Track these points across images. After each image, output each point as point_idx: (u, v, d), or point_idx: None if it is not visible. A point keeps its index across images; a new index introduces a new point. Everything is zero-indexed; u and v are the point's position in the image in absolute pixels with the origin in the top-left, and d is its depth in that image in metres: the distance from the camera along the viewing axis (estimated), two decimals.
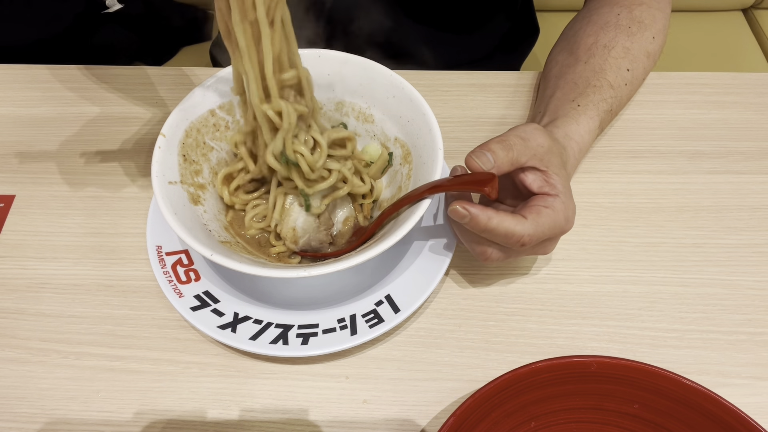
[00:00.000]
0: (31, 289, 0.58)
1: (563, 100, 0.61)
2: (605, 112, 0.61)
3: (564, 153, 0.55)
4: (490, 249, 0.51)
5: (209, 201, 0.57)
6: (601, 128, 0.62)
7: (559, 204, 0.50)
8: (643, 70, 0.66)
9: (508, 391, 0.47)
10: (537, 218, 0.49)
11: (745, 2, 1.30)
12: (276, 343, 0.52)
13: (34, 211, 0.62)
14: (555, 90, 0.63)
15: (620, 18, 0.65)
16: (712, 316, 0.56)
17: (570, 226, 0.51)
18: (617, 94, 0.62)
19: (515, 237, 0.48)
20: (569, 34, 0.69)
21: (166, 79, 0.72)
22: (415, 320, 0.56)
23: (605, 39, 0.64)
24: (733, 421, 0.45)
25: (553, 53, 0.69)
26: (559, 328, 0.55)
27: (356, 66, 0.59)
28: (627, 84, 0.63)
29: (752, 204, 0.62)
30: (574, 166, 0.58)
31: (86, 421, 0.51)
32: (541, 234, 0.49)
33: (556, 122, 0.58)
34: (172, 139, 0.55)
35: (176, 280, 0.54)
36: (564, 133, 0.57)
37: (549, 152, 0.51)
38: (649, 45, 0.65)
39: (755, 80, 0.72)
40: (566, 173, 0.53)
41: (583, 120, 0.59)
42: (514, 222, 0.48)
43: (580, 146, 0.58)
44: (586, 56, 0.63)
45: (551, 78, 0.66)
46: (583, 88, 0.61)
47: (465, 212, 0.48)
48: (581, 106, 0.60)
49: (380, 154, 0.60)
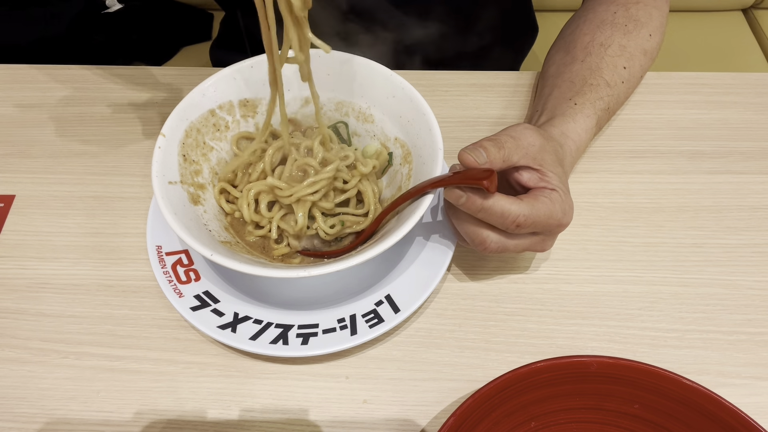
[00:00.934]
0: (31, 289, 0.58)
1: (560, 98, 0.61)
2: (602, 110, 0.61)
3: (560, 150, 0.55)
4: (486, 232, 0.50)
5: (209, 201, 0.57)
6: (598, 126, 0.62)
7: (556, 196, 0.50)
8: (640, 68, 0.66)
9: (508, 391, 0.47)
10: (534, 202, 0.49)
11: (745, 2, 1.30)
12: (276, 343, 0.52)
13: (34, 211, 0.62)
14: (552, 89, 0.63)
15: (616, 16, 0.65)
16: (712, 316, 0.56)
17: (568, 220, 0.51)
18: (614, 92, 0.62)
19: (511, 216, 0.48)
20: (566, 33, 0.69)
21: (166, 79, 0.72)
22: (415, 320, 0.56)
23: (602, 37, 0.64)
24: (733, 421, 0.45)
25: (551, 53, 0.69)
26: (559, 328, 0.55)
27: (356, 66, 0.59)
28: (624, 82, 0.63)
29: (752, 204, 0.62)
30: (571, 164, 0.58)
31: (86, 421, 0.51)
32: (537, 218, 0.49)
33: (553, 121, 0.59)
34: (172, 139, 0.55)
35: (176, 280, 0.54)
36: (561, 131, 0.57)
37: (542, 150, 0.51)
38: (645, 42, 0.65)
39: (755, 80, 0.72)
40: (562, 170, 0.53)
41: (580, 118, 0.59)
42: (509, 202, 0.48)
43: (577, 144, 0.58)
44: (583, 55, 0.64)
45: (548, 77, 0.66)
46: (579, 87, 0.61)
47: (461, 192, 0.48)
48: (578, 105, 0.60)
49: (380, 152, 0.60)
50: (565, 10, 1.27)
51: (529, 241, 0.52)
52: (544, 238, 0.52)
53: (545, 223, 0.49)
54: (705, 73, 0.72)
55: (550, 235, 0.52)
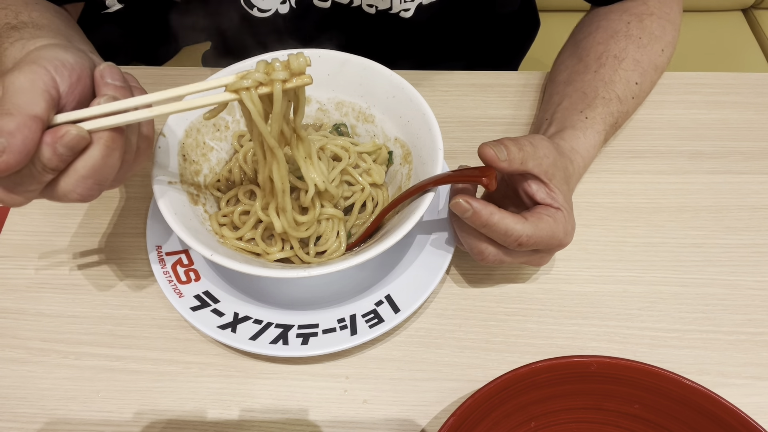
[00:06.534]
0: (31, 289, 0.58)
1: (571, 110, 0.60)
2: (611, 126, 0.61)
3: (570, 167, 0.55)
4: (486, 246, 0.51)
5: (209, 201, 0.57)
6: (605, 141, 0.62)
7: (560, 216, 0.50)
8: (650, 84, 0.65)
9: (508, 391, 0.47)
10: (538, 222, 0.49)
11: (745, 2, 1.30)
12: (276, 343, 0.52)
13: (34, 211, 0.62)
14: (563, 98, 0.62)
15: (630, 27, 0.64)
16: (712, 316, 0.56)
17: (568, 240, 0.51)
18: (624, 108, 0.62)
19: (514, 236, 0.48)
20: (578, 38, 0.68)
21: (166, 79, 0.72)
22: (415, 320, 0.56)
23: (616, 49, 0.63)
24: (733, 421, 0.45)
25: (562, 57, 0.69)
26: (559, 328, 0.55)
27: (356, 66, 0.59)
28: (634, 97, 0.63)
29: (752, 204, 0.62)
30: (576, 181, 0.58)
31: (86, 421, 0.51)
32: (539, 238, 0.49)
33: (563, 134, 0.58)
34: (172, 139, 0.55)
35: (176, 280, 0.54)
36: (571, 146, 0.57)
37: (553, 165, 0.51)
38: (657, 58, 0.65)
39: (755, 80, 0.72)
40: (568, 188, 0.53)
41: (590, 134, 0.59)
42: (514, 221, 0.48)
43: (585, 161, 0.58)
44: (596, 65, 0.63)
45: (559, 83, 0.65)
46: (591, 99, 0.61)
47: (467, 206, 0.48)
48: (589, 119, 0.59)
49: (378, 148, 0.60)
50: (568, 11, 1.27)
51: (528, 257, 0.52)
52: (542, 255, 0.53)
53: (546, 243, 0.50)
54: (705, 73, 0.72)
55: (549, 252, 0.53)
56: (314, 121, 0.63)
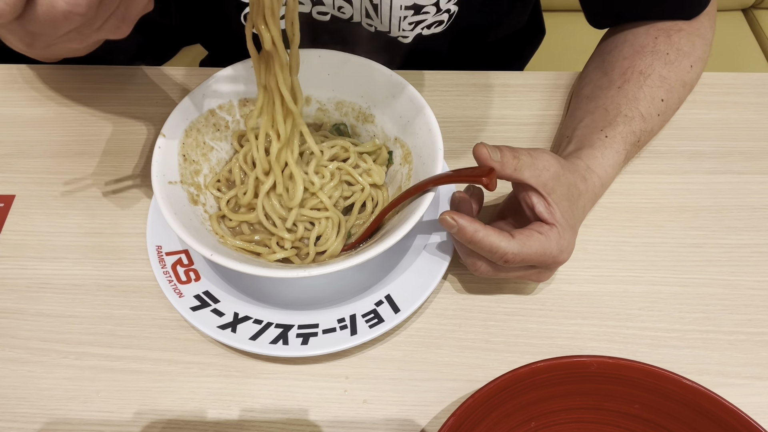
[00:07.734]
0: (31, 289, 0.58)
1: (592, 128, 0.59)
2: (632, 145, 0.59)
3: (581, 185, 0.54)
4: (478, 261, 0.51)
5: (209, 201, 0.57)
6: (627, 160, 0.60)
7: (554, 233, 0.50)
8: (678, 100, 0.64)
9: (508, 391, 0.47)
10: (525, 240, 0.49)
11: (745, 2, 1.30)
12: (276, 343, 0.52)
13: (34, 211, 0.62)
14: (585, 114, 0.61)
15: (658, 42, 0.63)
16: (712, 316, 0.56)
17: (564, 257, 0.51)
18: (647, 127, 0.60)
19: (499, 252, 0.48)
20: (604, 51, 0.66)
21: (166, 79, 0.72)
22: (415, 320, 0.56)
23: (642, 65, 0.61)
24: (733, 421, 0.45)
25: (587, 70, 0.67)
26: (559, 328, 0.55)
27: (356, 66, 0.59)
28: (660, 114, 0.61)
29: (752, 204, 0.62)
30: (592, 200, 0.57)
31: (86, 421, 0.51)
32: (527, 256, 0.49)
33: (580, 152, 0.57)
34: (172, 139, 0.55)
35: (176, 280, 0.54)
36: (586, 165, 0.56)
37: (554, 179, 0.50)
38: (686, 74, 0.63)
39: (755, 80, 0.72)
40: (570, 205, 0.52)
41: (609, 153, 0.57)
42: (499, 238, 0.48)
43: (603, 180, 0.57)
44: (621, 81, 0.61)
45: (582, 98, 0.63)
46: (613, 117, 0.59)
47: (453, 222, 0.48)
48: (609, 138, 0.58)
49: (378, 148, 0.60)
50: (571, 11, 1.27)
51: (523, 272, 0.52)
52: (540, 271, 0.52)
53: (538, 260, 0.50)
54: (705, 73, 0.72)
55: (547, 269, 0.53)
56: (314, 120, 0.63)
